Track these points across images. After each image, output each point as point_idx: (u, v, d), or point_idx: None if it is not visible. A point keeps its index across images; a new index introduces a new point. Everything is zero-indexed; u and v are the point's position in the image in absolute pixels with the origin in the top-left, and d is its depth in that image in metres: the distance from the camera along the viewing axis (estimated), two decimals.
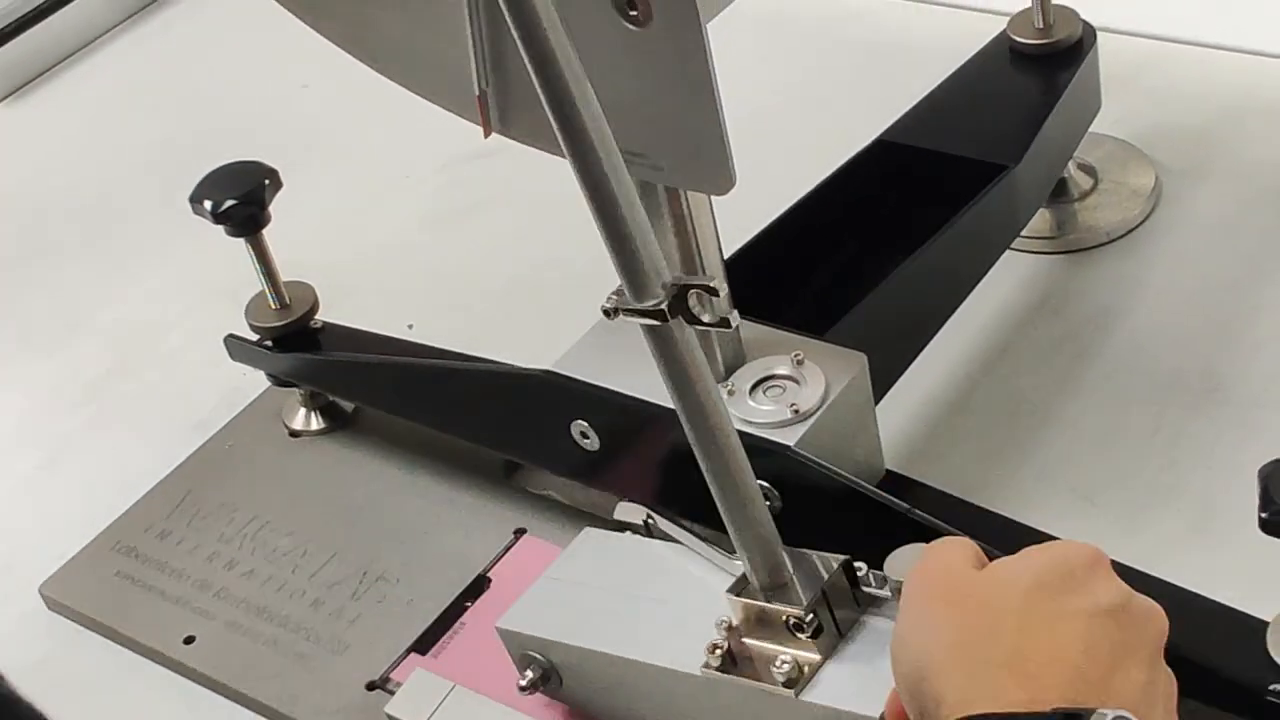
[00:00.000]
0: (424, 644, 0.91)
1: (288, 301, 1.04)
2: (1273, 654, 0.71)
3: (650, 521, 0.86)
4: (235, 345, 1.08)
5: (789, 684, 0.74)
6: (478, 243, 1.15)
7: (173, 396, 1.13)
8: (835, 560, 0.76)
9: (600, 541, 0.87)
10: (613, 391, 0.85)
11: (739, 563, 0.76)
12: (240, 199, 0.99)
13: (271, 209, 1.01)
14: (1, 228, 1.33)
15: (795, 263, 0.94)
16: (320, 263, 1.07)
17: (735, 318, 0.76)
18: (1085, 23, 1.08)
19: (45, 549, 1.03)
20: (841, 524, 0.78)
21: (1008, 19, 1.09)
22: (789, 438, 0.81)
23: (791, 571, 0.75)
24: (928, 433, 0.98)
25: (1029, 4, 1.07)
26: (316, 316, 1.06)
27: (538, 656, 0.84)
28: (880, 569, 0.74)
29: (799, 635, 0.74)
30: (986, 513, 0.83)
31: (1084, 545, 0.67)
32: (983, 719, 0.57)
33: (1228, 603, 0.75)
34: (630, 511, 0.87)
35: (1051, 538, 0.80)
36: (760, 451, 0.80)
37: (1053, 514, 0.84)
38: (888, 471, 0.88)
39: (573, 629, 0.82)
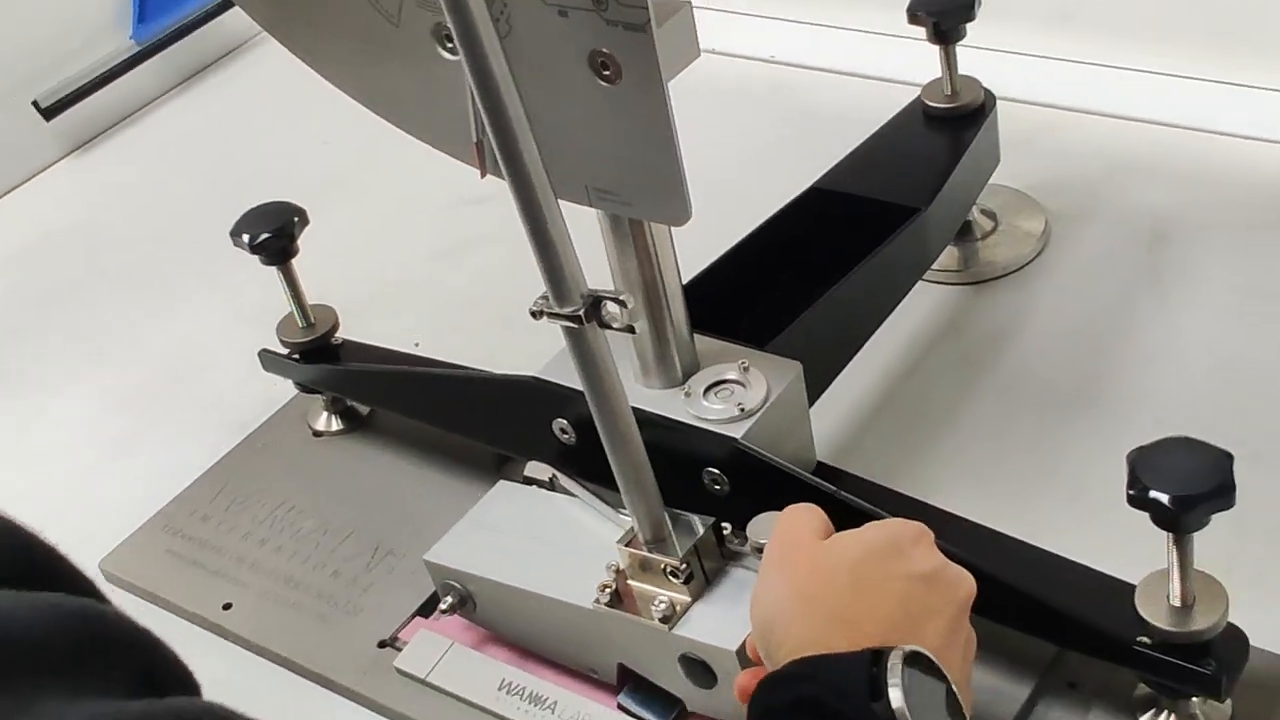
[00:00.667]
0: (426, 609, 0.92)
1: (312, 321, 1.05)
2: (1140, 611, 0.72)
3: (554, 479, 0.89)
4: (268, 358, 1.08)
5: (664, 620, 0.77)
6: (474, 272, 1.17)
7: (215, 402, 1.13)
8: (706, 522, 0.78)
9: (512, 492, 0.90)
10: (573, 392, 0.84)
11: (628, 518, 0.77)
12: (273, 233, 1.00)
13: (299, 242, 1.01)
14: (72, 260, 1.33)
15: (743, 287, 0.95)
16: (340, 288, 1.08)
17: (640, 326, 0.80)
18: (987, 90, 1.09)
19: (105, 530, 1.04)
20: (779, 504, 0.78)
21: (921, 87, 1.09)
22: (736, 431, 0.82)
23: (671, 529, 0.77)
24: (852, 430, 1.00)
25: (939, 74, 1.08)
26: (337, 334, 1.06)
27: (456, 585, 0.86)
28: (748, 537, 0.77)
29: (674, 580, 0.78)
30: (899, 495, 0.84)
31: (911, 523, 0.71)
32: (811, 659, 0.60)
33: (1102, 569, 0.76)
34: (539, 469, 0.90)
35: (948, 514, 0.82)
36: (712, 442, 0.82)
37: (954, 497, 0.85)
38: (819, 462, 0.89)
39: (485, 564, 0.85)
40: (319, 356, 1.06)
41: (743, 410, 0.82)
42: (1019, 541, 0.80)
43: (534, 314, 0.70)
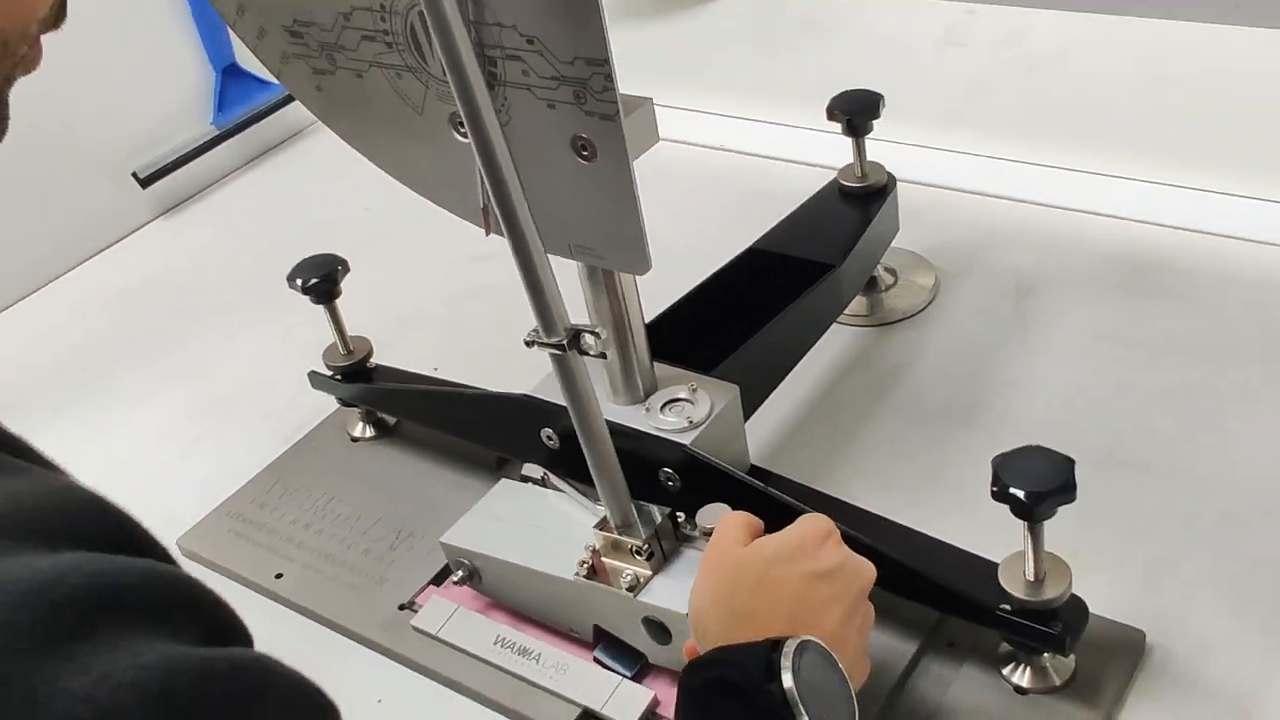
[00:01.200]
0: (438, 579, 0.92)
1: (351, 349, 1.05)
2: (1002, 584, 0.73)
3: (545, 477, 0.88)
4: (315, 378, 1.08)
5: (630, 589, 0.78)
6: (481, 311, 1.17)
7: (272, 413, 1.13)
8: (663, 511, 0.80)
9: (510, 488, 0.90)
10: (557, 408, 0.84)
11: (602, 508, 0.78)
12: (320, 278, 1.00)
13: (341, 286, 1.01)
14: (161, 301, 1.33)
15: (693, 325, 0.95)
16: (374, 323, 1.08)
17: (611, 355, 0.83)
18: (889, 174, 1.09)
19: (183, 514, 1.04)
20: (721, 498, 0.78)
21: (837, 170, 1.10)
22: (686, 439, 0.82)
23: (636, 517, 0.78)
24: (780, 439, 1.00)
25: (852, 160, 1.08)
26: (371, 359, 1.06)
27: (465, 562, 0.86)
28: (697, 523, 0.78)
29: (638, 558, 0.78)
30: (816, 492, 0.84)
31: (819, 525, 0.70)
32: (724, 648, 0.61)
33: (974, 551, 0.77)
34: (533, 470, 0.90)
35: (855, 507, 0.82)
36: (666, 447, 0.82)
37: (860, 493, 0.85)
38: (752, 464, 0.89)
39: (489, 545, 0.85)
40: (356, 377, 1.05)
41: (691, 423, 0.82)
42: (909, 529, 0.80)
43: (527, 343, 0.70)
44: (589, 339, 0.69)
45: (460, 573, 0.87)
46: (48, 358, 1.27)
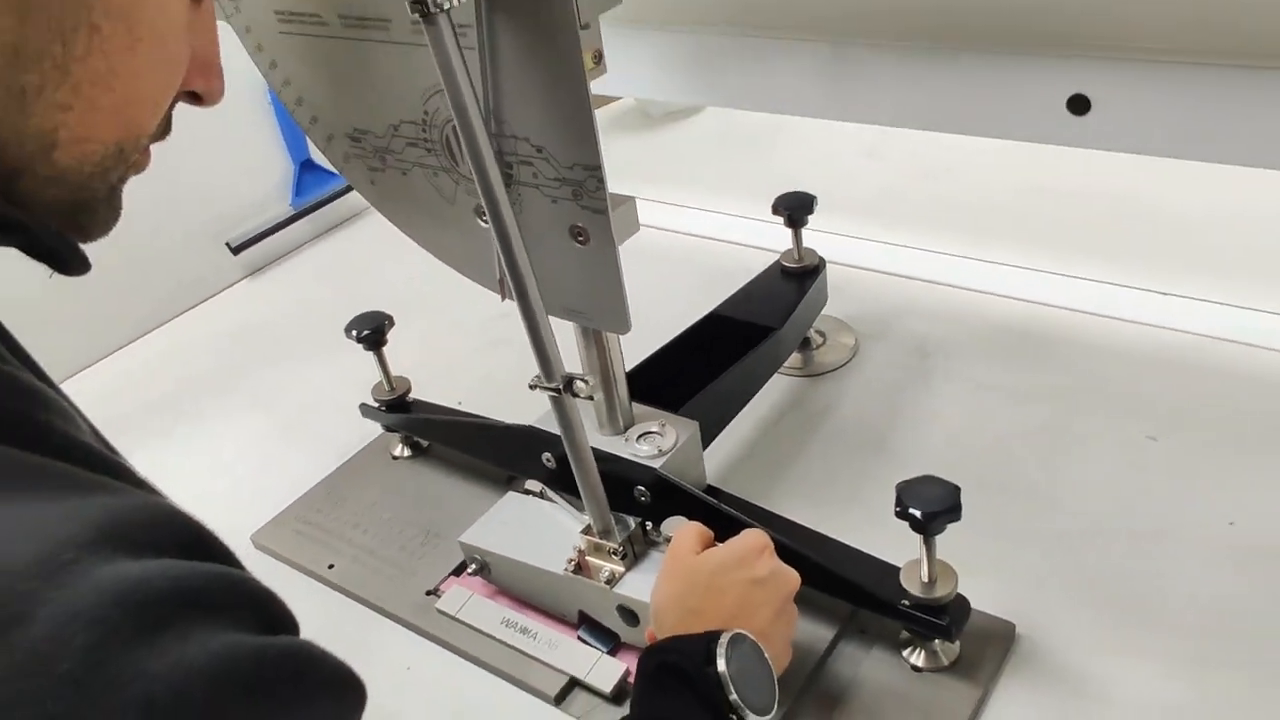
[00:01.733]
0: (458, 571, 0.91)
1: (394, 387, 1.05)
2: (903, 584, 0.73)
3: (543, 491, 0.88)
4: (365, 409, 1.08)
5: (608, 582, 0.78)
6: (496, 360, 1.17)
7: (329, 436, 1.12)
8: (635, 521, 0.79)
9: (516, 499, 0.89)
10: (555, 436, 0.85)
11: (587, 517, 0.78)
12: (370, 330, 1.00)
13: (388, 336, 1.01)
14: (244, 346, 1.32)
15: (664, 374, 0.95)
16: (413, 367, 1.07)
17: (598, 396, 0.83)
18: (820, 257, 1.09)
19: (257, 516, 1.03)
20: (682, 511, 0.78)
21: (780, 253, 1.10)
22: (656, 464, 0.82)
23: (613, 525, 0.78)
24: (730, 465, 0.99)
25: (791, 246, 1.08)
26: (409, 395, 1.05)
27: (477, 557, 0.86)
28: (661, 532, 0.78)
29: (614, 557, 0.78)
30: (758, 507, 0.84)
31: (758, 537, 0.71)
32: (674, 638, 0.63)
33: (882, 557, 0.77)
34: (534, 485, 0.90)
35: (788, 520, 0.82)
36: (640, 470, 0.82)
37: (794, 510, 0.84)
38: (708, 484, 0.89)
39: (497, 544, 0.85)
40: (397, 409, 1.05)
41: (661, 451, 0.82)
42: (831, 538, 0.80)
43: (531, 386, 0.71)
44: (579, 384, 0.70)
45: (474, 566, 0.87)
46: (155, 388, 1.27)
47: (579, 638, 0.82)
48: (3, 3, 0.31)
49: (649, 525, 0.80)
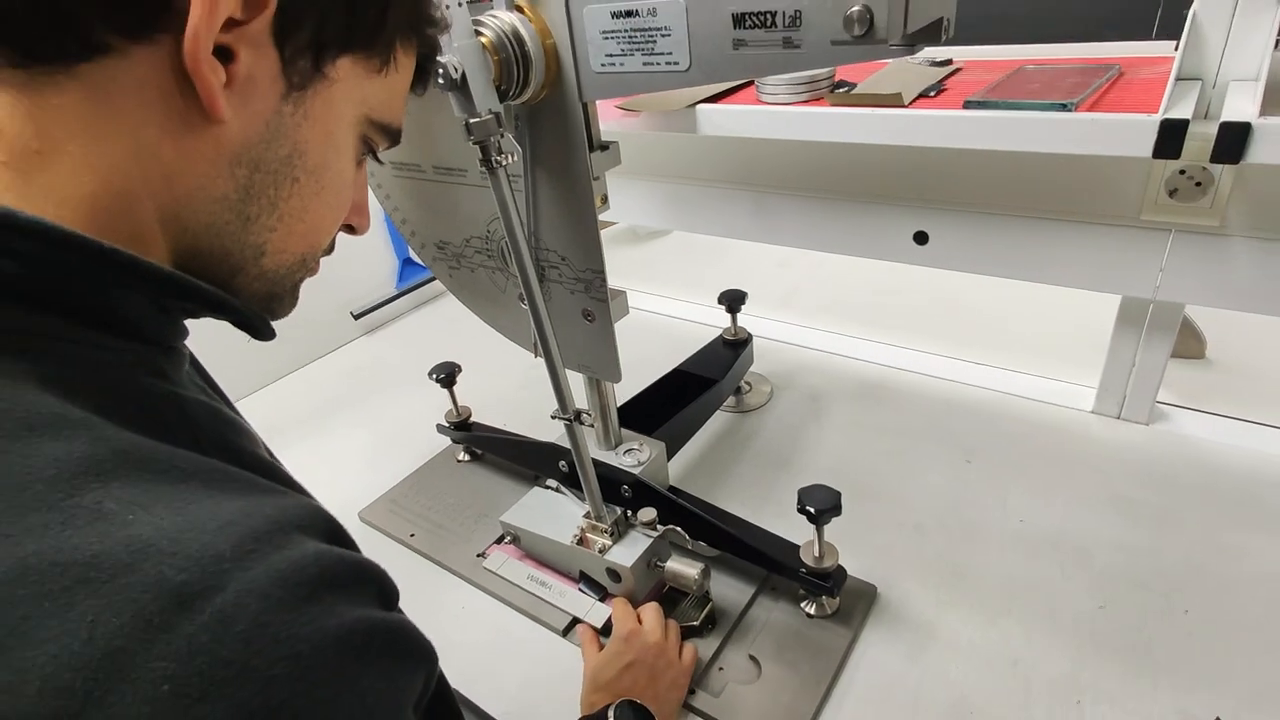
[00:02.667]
0: (499, 540, 0.88)
1: (460, 413, 1.03)
2: (802, 557, 0.71)
3: (559, 487, 0.86)
4: (439, 428, 1.05)
5: (600, 551, 0.75)
6: (530, 396, 1.14)
7: (414, 446, 1.09)
8: (619, 509, 0.76)
9: (540, 492, 0.87)
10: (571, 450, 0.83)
11: (587, 506, 0.75)
12: (446, 374, 0.98)
13: (458, 379, 1.00)
14: (359, 383, 1.29)
15: (643, 408, 0.94)
16: (475, 399, 1.06)
17: (598, 424, 0.80)
18: (749, 332, 1.08)
19: (363, 499, 0.99)
20: (653, 504, 0.77)
21: (722, 329, 1.09)
22: (636, 470, 0.80)
23: (605, 512, 0.75)
24: (686, 473, 0.97)
25: (729, 325, 1.07)
26: (471, 419, 1.03)
27: (512, 531, 0.83)
28: (638, 518, 0.76)
29: (605, 535, 0.75)
30: (705, 502, 0.82)
31: (624, 625, 0.72)
32: (584, 717, 0.59)
33: (788, 538, 0.75)
34: (552, 482, 0.87)
35: (724, 511, 0.80)
36: (625, 474, 0.80)
37: (729, 504, 0.83)
38: (670, 485, 0.86)
39: (525, 522, 0.82)
40: (462, 429, 1.03)
41: (639, 462, 0.81)
42: (754, 524, 0.79)
43: (553, 416, 0.69)
44: (585, 416, 0.68)
45: (509, 537, 0.85)
46: (300, 408, 1.24)
47: (579, 589, 0.80)
48: (245, 160, 0.32)
49: (629, 513, 0.78)
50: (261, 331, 0.38)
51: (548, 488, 0.89)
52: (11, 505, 0.23)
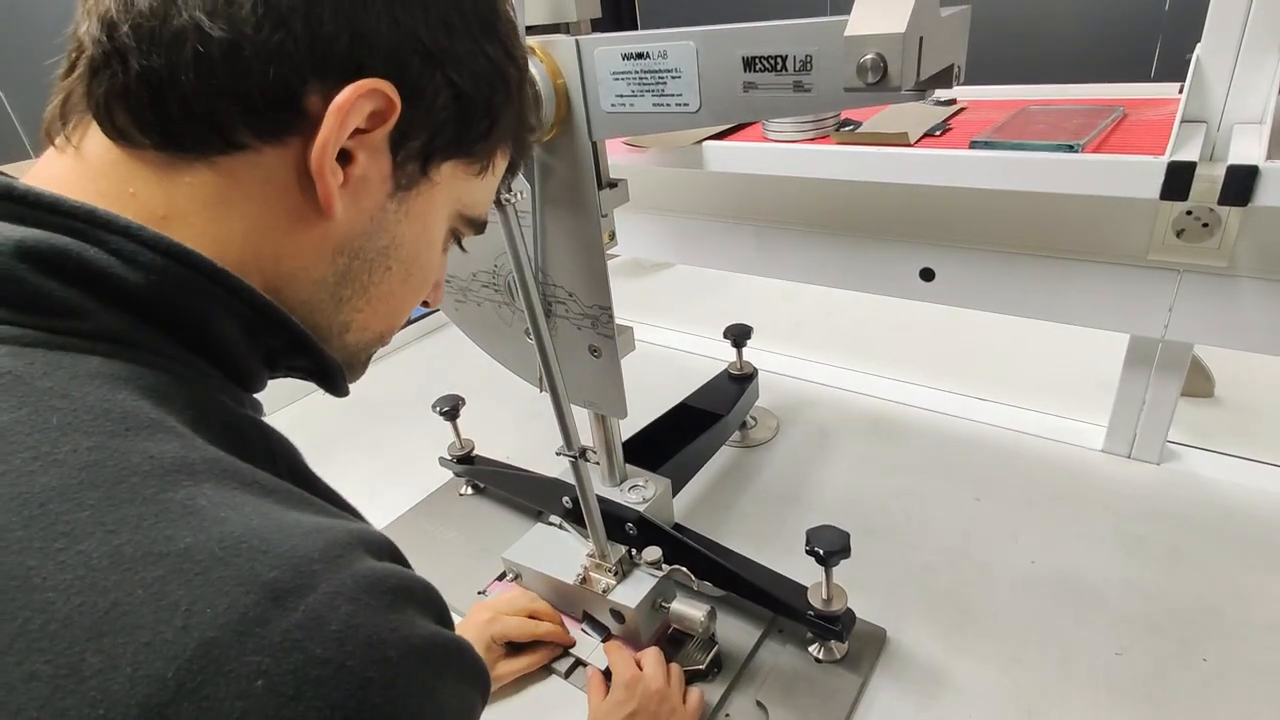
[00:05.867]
0: (500, 577, 0.87)
1: (463, 445, 1.02)
2: (810, 600, 0.70)
3: (562, 524, 0.85)
4: (442, 460, 1.04)
5: (603, 591, 0.74)
6: (533, 431, 1.14)
7: (416, 478, 1.08)
8: (624, 548, 0.75)
9: (543, 529, 0.85)
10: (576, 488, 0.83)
11: (591, 544, 0.74)
12: (449, 407, 0.98)
13: (461, 411, 0.99)
14: (365, 413, 1.29)
15: (649, 444, 0.93)
16: (476, 433, 1.05)
17: (602, 461, 0.79)
18: (755, 366, 1.08)
19: (382, 519, 0.98)
20: (656, 541, 0.76)
21: (728, 363, 1.09)
22: (641, 508, 0.79)
23: (609, 550, 0.74)
24: (691, 510, 0.96)
25: (735, 360, 1.07)
26: (474, 452, 1.03)
27: (515, 568, 0.82)
28: (643, 557, 0.74)
29: (609, 574, 0.74)
30: (709, 540, 0.81)
31: (625, 673, 0.68)
32: None
33: (795, 578, 0.74)
34: (555, 519, 0.86)
35: (730, 550, 0.78)
36: (629, 512, 0.79)
37: (735, 542, 0.81)
38: (675, 523, 0.85)
39: (528, 559, 0.80)
40: (465, 461, 1.02)
41: (644, 499, 0.80)
42: (760, 564, 0.77)
43: (557, 453, 0.69)
44: (590, 454, 0.68)
45: (511, 575, 0.83)
46: (300, 440, 1.22)
47: (582, 629, 0.78)
48: (346, 250, 0.35)
49: (634, 552, 0.77)
50: (337, 384, 0.39)
51: (551, 524, 0.88)
52: (108, 497, 0.24)
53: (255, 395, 0.37)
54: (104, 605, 0.22)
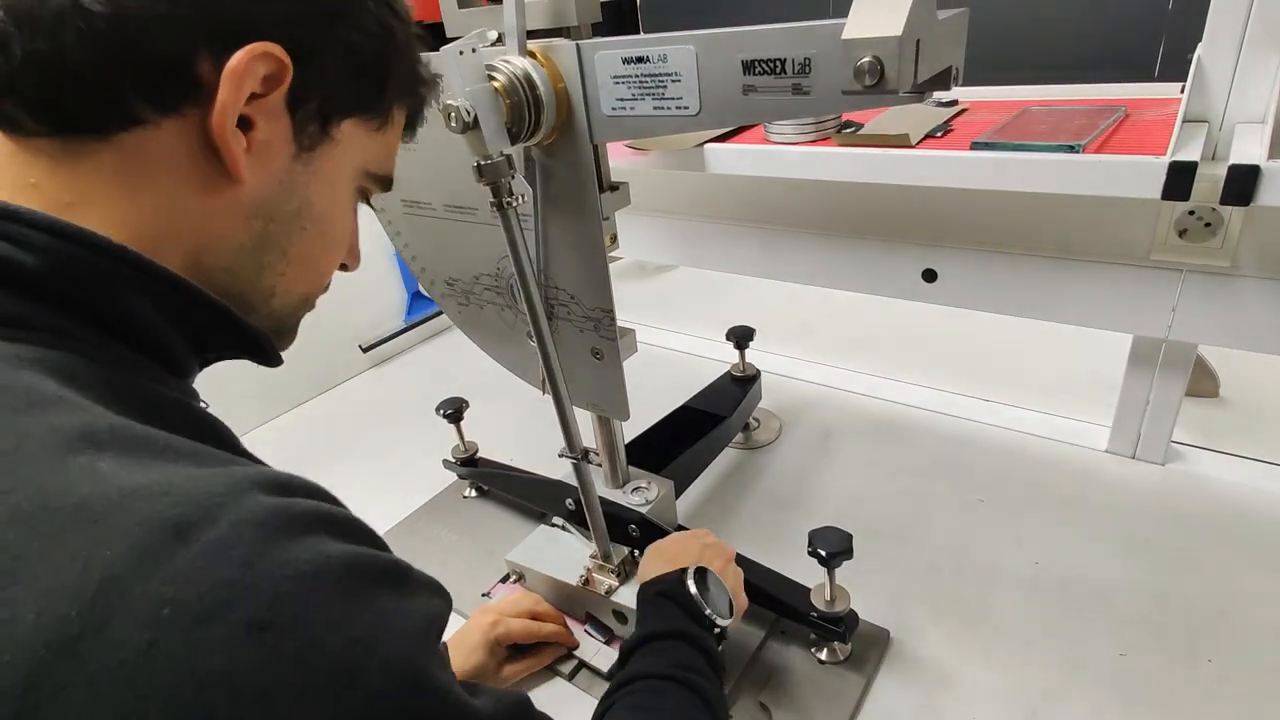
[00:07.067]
0: (505, 579, 0.87)
1: (466, 448, 1.02)
2: (812, 601, 0.70)
3: (564, 525, 0.86)
4: (446, 463, 1.05)
5: (606, 593, 0.74)
6: (536, 434, 1.14)
7: (420, 480, 1.09)
8: (626, 549, 0.76)
9: (546, 530, 0.86)
10: (578, 488, 0.83)
11: (594, 545, 0.75)
12: (453, 410, 0.98)
13: (465, 414, 1.00)
14: (368, 416, 1.29)
15: (651, 446, 0.93)
16: (480, 435, 1.05)
17: (605, 464, 0.79)
18: (758, 368, 1.08)
19: (385, 522, 0.98)
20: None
21: (731, 364, 1.09)
22: (644, 509, 0.79)
23: (611, 551, 0.75)
24: (694, 511, 0.96)
25: (738, 360, 1.07)
26: (477, 454, 1.03)
27: (518, 569, 0.82)
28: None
29: (612, 575, 0.75)
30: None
31: (705, 531, 0.74)
32: (659, 576, 0.62)
33: (798, 580, 0.74)
34: (558, 520, 0.87)
35: (740, 556, 0.78)
36: (633, 513, 0.80)
37: (737, 544, 0.81)
38: (678, 524, 0.85)
39: (531, 561, 0.81)
40: (468, 464, 1.03)
41: (647, 500, 0.80)
42: (763, 565, 0.77)
43: (560, 455, 0.69)
44: (593, 456, 0.68)
45: (514, 576, 0.84)
46: (305, 444, 1.24)
47: (585, 631, 0.79)
48: (260, 214, 0.36)
49: (636, 553, 0.77)
50: (268, 354, 0.39)
51: (554, 525, 0.88)
52: (5, 466, 0.24)
53: (191, 384, 0.36)
54: (4, 562, 0.22)
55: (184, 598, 0.23)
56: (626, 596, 0.74)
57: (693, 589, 0.59)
